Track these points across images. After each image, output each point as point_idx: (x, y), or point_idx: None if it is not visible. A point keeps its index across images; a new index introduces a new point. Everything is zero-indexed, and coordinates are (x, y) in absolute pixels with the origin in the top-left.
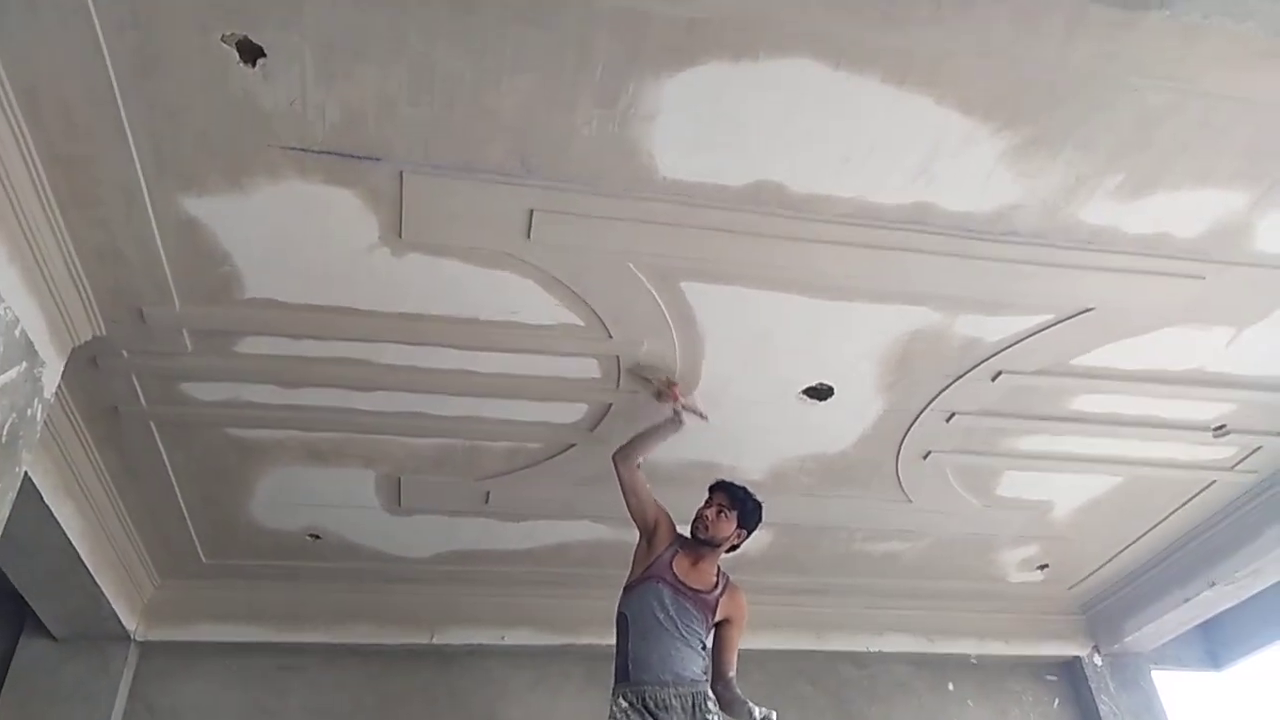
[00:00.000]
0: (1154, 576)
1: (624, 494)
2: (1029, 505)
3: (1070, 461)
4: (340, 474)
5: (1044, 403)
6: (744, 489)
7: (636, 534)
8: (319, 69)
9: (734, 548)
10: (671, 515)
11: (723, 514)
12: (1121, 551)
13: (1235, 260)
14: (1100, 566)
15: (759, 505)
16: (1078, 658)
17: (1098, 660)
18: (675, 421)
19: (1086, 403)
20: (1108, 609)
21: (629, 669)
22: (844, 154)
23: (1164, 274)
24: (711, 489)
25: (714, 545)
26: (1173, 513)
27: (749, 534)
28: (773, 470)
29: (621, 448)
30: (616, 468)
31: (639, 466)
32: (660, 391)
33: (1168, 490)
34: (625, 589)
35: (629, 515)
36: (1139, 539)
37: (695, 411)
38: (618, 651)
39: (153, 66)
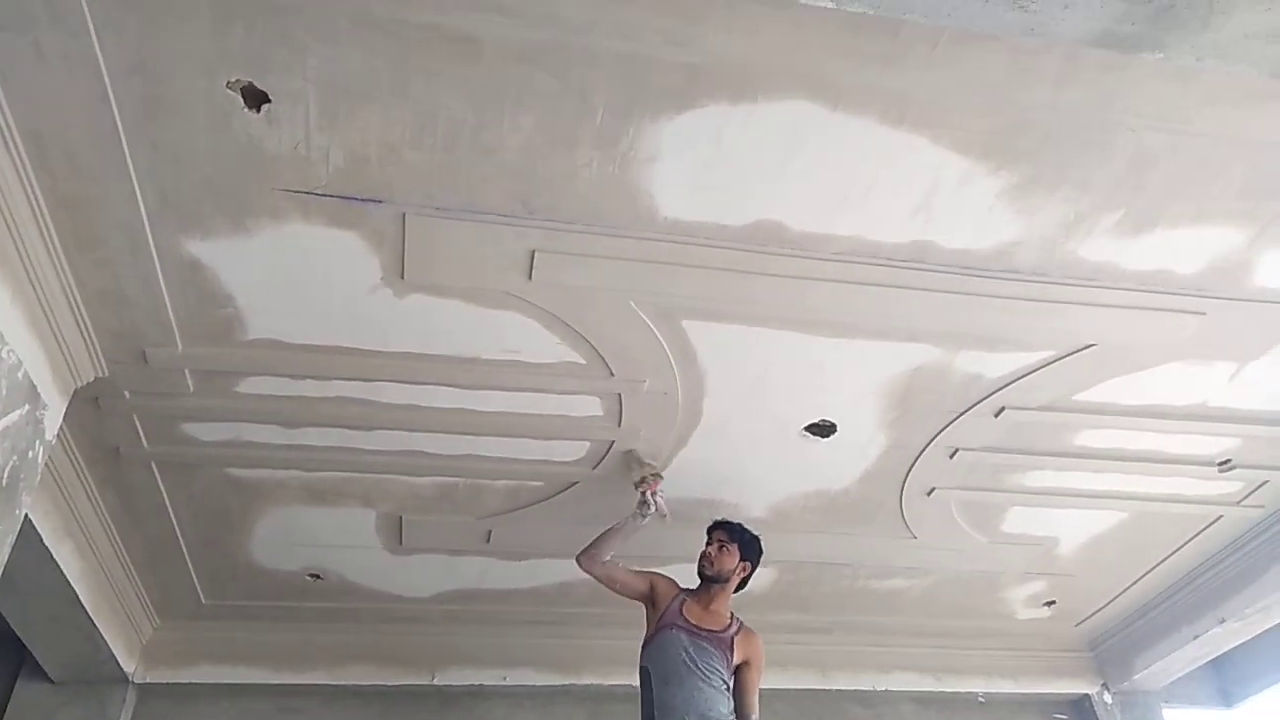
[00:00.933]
0: (1163, 613)
1: (606, 587)
2: (1035, 541)
3: (1075, 497)
4: (341, 514)
5: (1048, 438)
6: (739, 524)
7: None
8: (322, 113)
9: (742, 584)
10: (665, 575)
11: (724, 549)
12: (1129, 587)
13: (1236, 296)
14: (1108, 603)
15: (756, 538)
16: (1087, 695)
17: (1108, 698)
18: (640, 515)
19: (1090, 438)
20: (1117, 646)
21: (655, 717)
22: (842, 193)
23: (1165, 310)
24: (709, 529)
25: (722, 581)
26: (1180, 548)
27: (753, 568)
28: (776, 508)
29: (585, 550)
30: (585, 569)
31: (609, 560)
32: (645, 479)
33: (1174, 525)
34: (643, 646)
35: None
36: (1146, 574)
37: (661, 509)
38: (642, 703)
39: (158, 111)
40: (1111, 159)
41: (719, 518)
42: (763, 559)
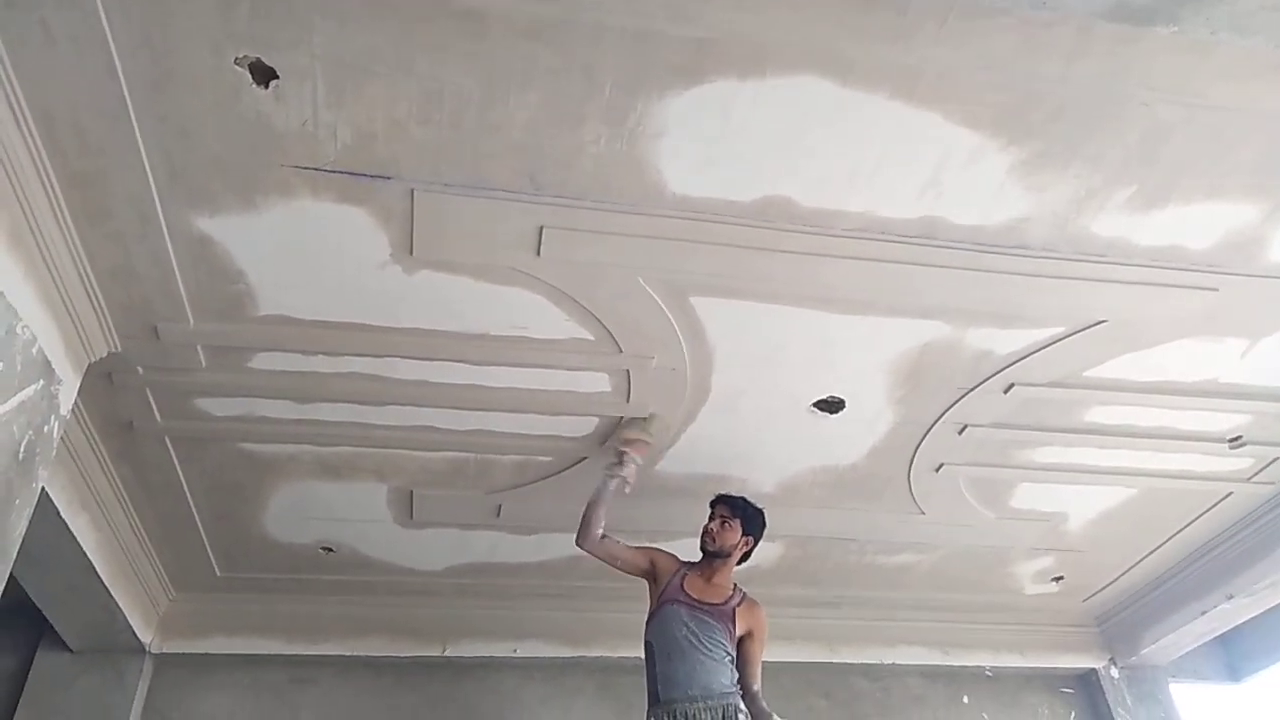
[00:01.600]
0: (1171, 589)
1: (609, 565)
2: (1043, 517)
3: (1084, 473)
4: (353, 488)
5: (1057, 415)
6: (742, 498)
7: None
8: (330, 90)
9: (745, 557)
10: (666, 550)
11: (726, 524)
12: (1138, 563)
13: (1249, 272)
14: (1116, 578)
15: (759, 511)
16: (1094, 670)
17: (1114, 673)
18: (609, 474)
19: (1100, 414)
20: (1124, 621)
21: (659, 691)
22: (852, 169)
23: (1177, 286)
24: (712, 503)
25: (724, 555)
26: (1189, 524)
27: (755, 541)
28: (784, 483)
29: (579, 532)
30: (585, 550)
31: (604, 537)
32: (635, 440)
33: (1184, 502)
34: (647, 621)
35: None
36: (1155, 551)
37: (629, 477)
38: (647, 678)
39: (166, 87)
40: (1124, 133)
41: (721, 492)
42: (771, 534)
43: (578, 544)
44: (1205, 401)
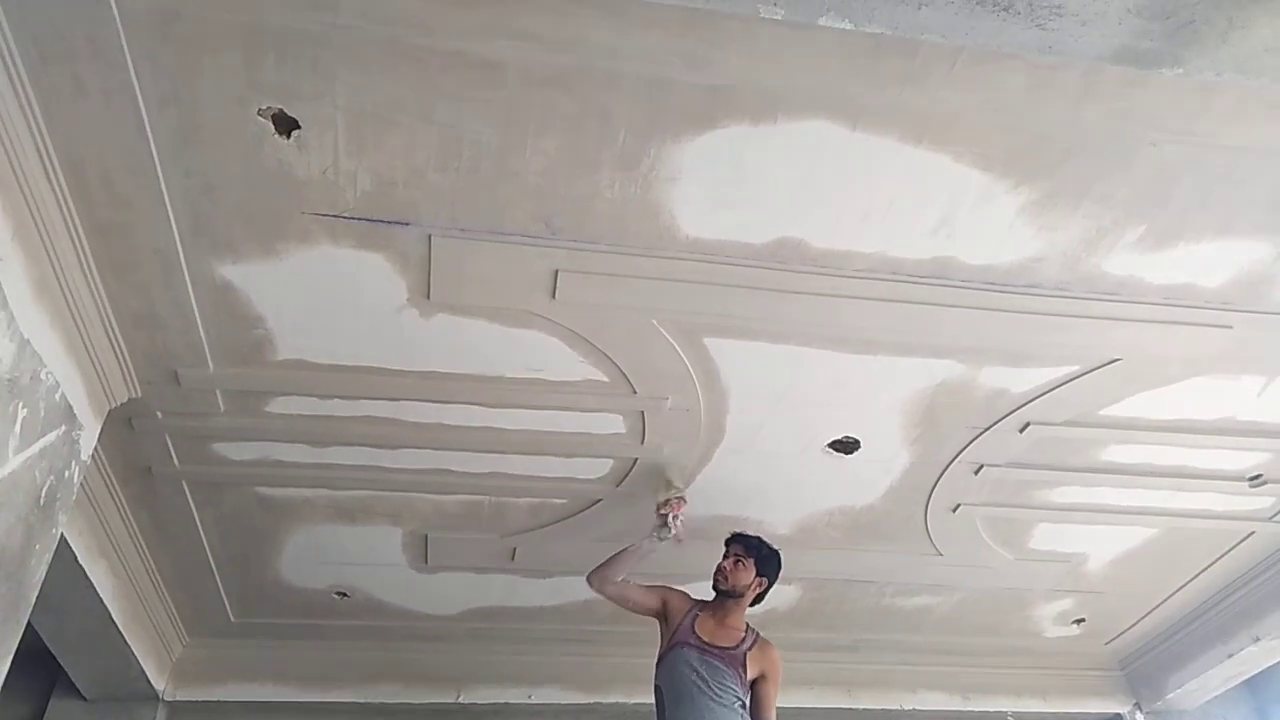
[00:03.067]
0: (1195, 631)
1: (620, 606)
2: (1063, 558)
3: (1103, 513)
4: (368, 532)
5: (1074, 454)
6: (758, 537)
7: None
8: (351, 139)
9: (759, 599)
10: (678, 589)
11: (740, 563)
12: (1160, 605)
13: (1263, 309)
14: (1139, 620)
15: (775, 552)
16: (1119, 715)
17: (1140, 718)
18: (657, 538)
19: (1118, 453)
20: (1149, 664)
21: None
22: (864, 210)
23: (1191, 324)
24: (727, 542)
25: (736, 596)
26: (1211, 564)
27: (770, 583)
28: (800, 524)
29: (596, 570)
30: (596, 589)
31: (621, 580)
32: (669, 500)
33: (1205, 542)
34: (657, 663)
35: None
36: (1178, 591)
37: (679, 533)
38: None
39: (192, 139)
40: (1133, 173)
41: (737, 530)
42: (788, 576)
43: (589, 580)
44: (1223, 440)
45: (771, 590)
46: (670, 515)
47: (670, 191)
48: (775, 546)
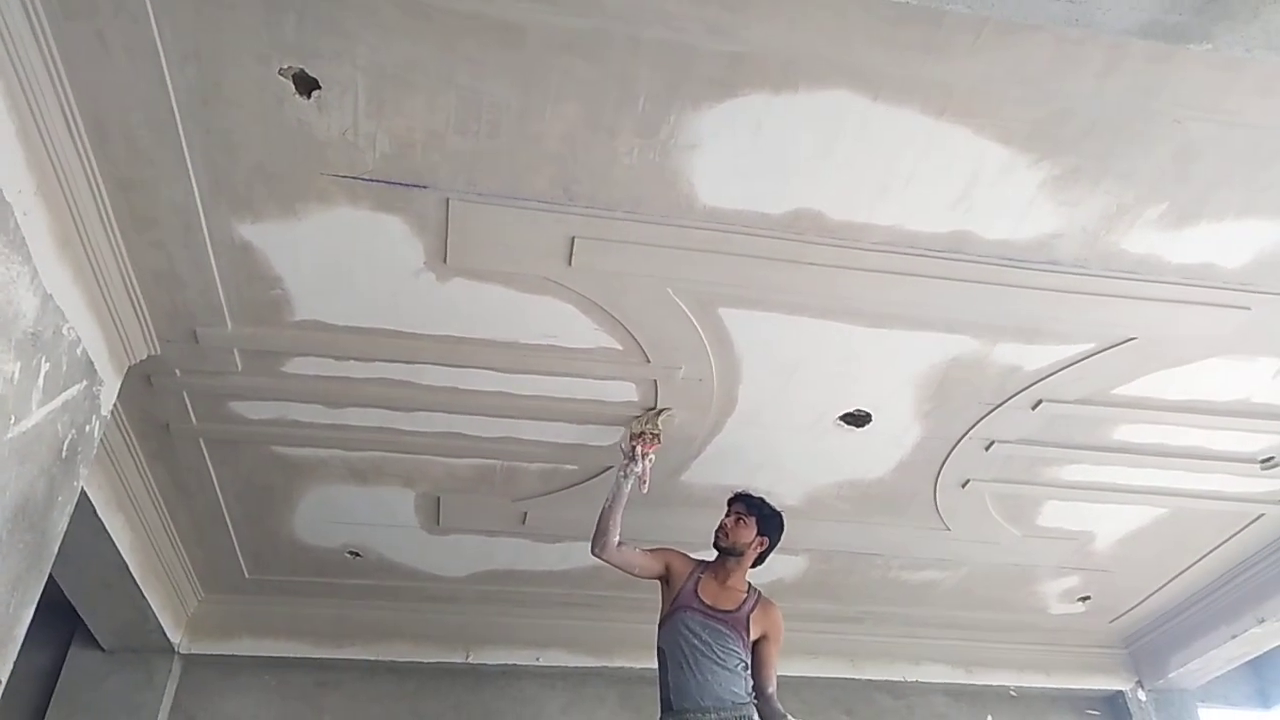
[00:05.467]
0: (1200, 611)
1: (625, 572)
2: (1070, 536)
3: (1113, 492)
4: (381, 493)
5: (1086, 432)
6: (760, 497)
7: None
8: (370, 100)
9: (760, 559)
10: (680, 551)
11: (741, 520)
12: (1166, 584)
13: None
14: (1144, 599)
15: (777, 512)
16: (1121, 692)
17: (1142, 695)
18: (623, 474)
19: (1129, 433)
20: (1152, 643)
21: (670, 699)
22: (882, 183)
23: (1208, 304)
24: (729, 501)
25: (737, 554)
26: (1219, 546)
27: (771, 544)
28: (809, 496)
29: (594, 539)
30: (602, 559)
31: (620, 545)
32: (643, 434)
33: (1214, 523)
34: (659, 625)
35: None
36: (1184, 572)
37: (645, 474)
38: (660, 685)
39: (213, 97)
40: (1156, 150)
41: (740, 489)
42: (795, 547)
43: (593, 552)
44: (1236, 421)
45: (774, 554)
46: (640, 449)
47: (689, 159)
48: (778, 508)
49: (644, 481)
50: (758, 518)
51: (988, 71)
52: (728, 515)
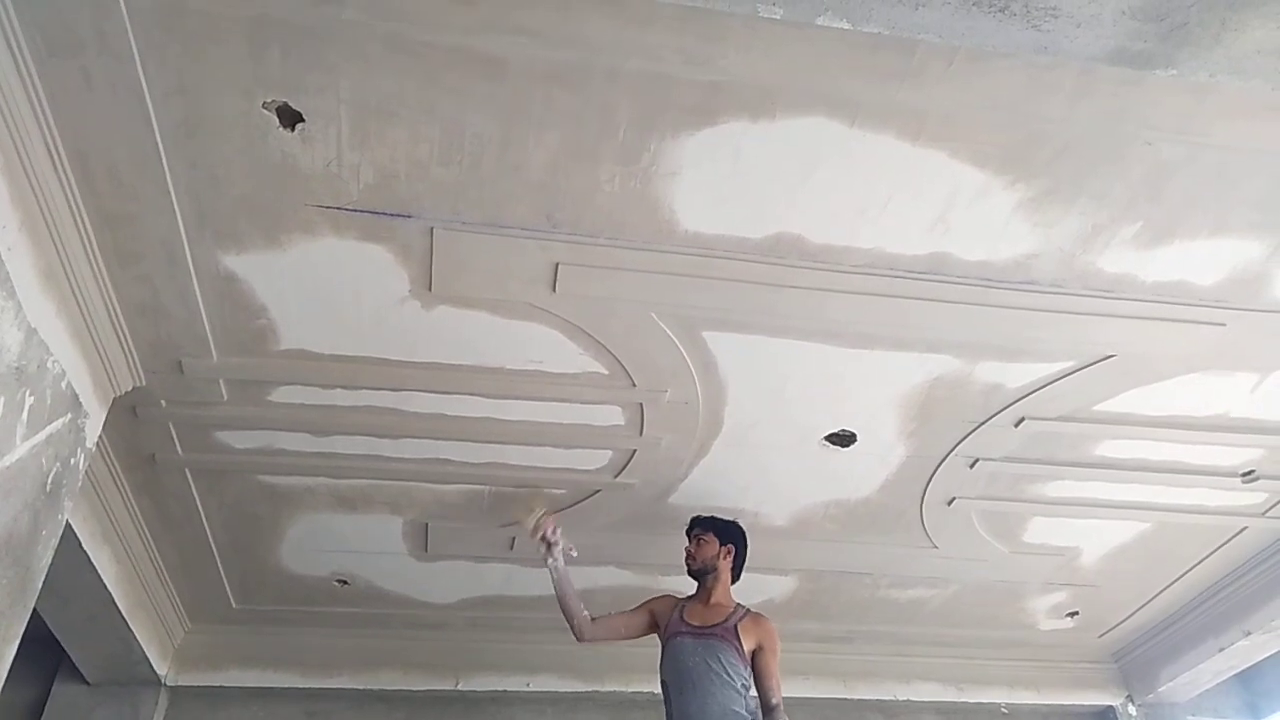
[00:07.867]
0: (1187, 625)
1: (620, 640)
2: (1057, 551)
3: (1097, 507)
4: (368, 520)
5: (1068, 449)
6: (710, 515)
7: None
8: (354, 132)
9: (737, 571)
10: (661, 595)
11: (701, 540)
12: (1153, 599)
13: (1256, 307)
14: (1131, 614)
15: (731, 520)
16: (1111, 707)
17: (1132, 710)
18: (555, 564)
19: (1112, 448)
20: (1141, 657)
21: None
22: (861, 207)
23: (1185, 321)
24: (686, 531)
25: (711, 571)
26: (1204, 559)
27: (739, 550)
28: (796, 516)
29: (571, 630)
30: (590, 640)
31: (594, 619)
32: (538, 524)
33: (1198, 536)
34: (660, 662)
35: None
36: (1170, 586)
37: (567, 546)
38: (666, 716)
39: (196, 131)
40: (1128, 171)
41: (694, 515)
42: (784, 568)
43: (579, 641)
44: (1217, 436)
45: (763, 575)
46: (548, 531)
47: (670, 186)
48: (730, 518)
49: (571, 550)
50: (714, 531)
51: (961, 97)
52: (689, 542)
